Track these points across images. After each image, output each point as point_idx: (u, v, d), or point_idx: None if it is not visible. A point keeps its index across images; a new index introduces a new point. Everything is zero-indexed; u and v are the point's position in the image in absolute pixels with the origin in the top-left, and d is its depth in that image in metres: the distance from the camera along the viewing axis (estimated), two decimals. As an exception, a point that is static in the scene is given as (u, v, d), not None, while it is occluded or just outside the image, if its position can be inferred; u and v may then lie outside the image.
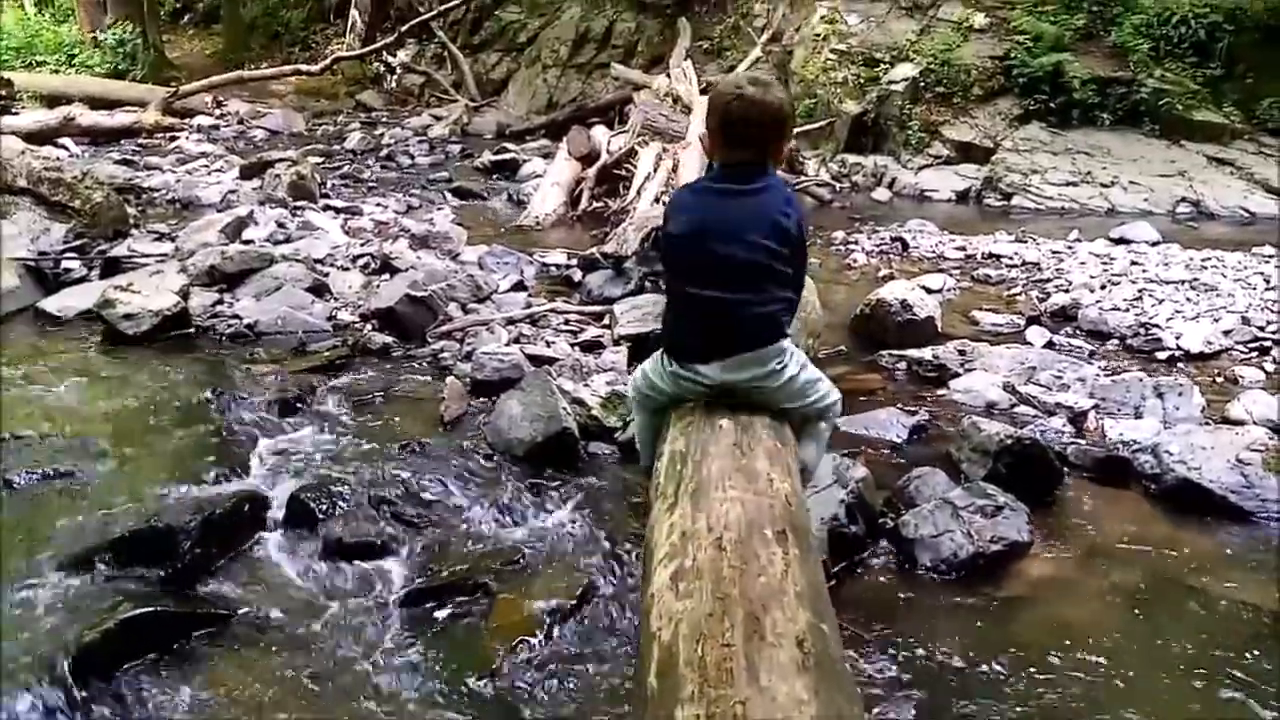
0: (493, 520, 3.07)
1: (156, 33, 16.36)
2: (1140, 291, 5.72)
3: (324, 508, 3.02)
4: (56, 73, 14.85)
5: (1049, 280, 6.18)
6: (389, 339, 4.65)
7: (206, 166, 9.28)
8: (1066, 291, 5.82)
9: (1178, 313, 5.32)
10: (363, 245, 6.25)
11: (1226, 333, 4.95)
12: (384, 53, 15.17)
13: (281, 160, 8.40)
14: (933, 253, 7.03)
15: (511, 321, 4.88)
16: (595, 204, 7.84)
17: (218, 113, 13.06)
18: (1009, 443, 3.33)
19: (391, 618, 2.56)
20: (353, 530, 2.90)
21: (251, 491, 3.09)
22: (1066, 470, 3.45)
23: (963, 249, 7.08)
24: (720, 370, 2.32)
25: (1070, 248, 7.07)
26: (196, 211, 7.28)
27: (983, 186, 9.62)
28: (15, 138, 7.62)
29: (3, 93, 11.79)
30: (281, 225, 6.59)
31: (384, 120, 13.54)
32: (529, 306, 5.16)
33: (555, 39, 14.17)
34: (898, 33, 10.91)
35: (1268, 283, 5.87)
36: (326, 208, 7.49)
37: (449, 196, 8.67)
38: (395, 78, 15.86)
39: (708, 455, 2.11)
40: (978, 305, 5.66)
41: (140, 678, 2.27)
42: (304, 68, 14.53)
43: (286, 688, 2.28)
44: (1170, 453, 3.39)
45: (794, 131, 2.52)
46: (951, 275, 6.36)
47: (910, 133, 10.16)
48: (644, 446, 2.65)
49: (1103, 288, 5.86)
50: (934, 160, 10.10)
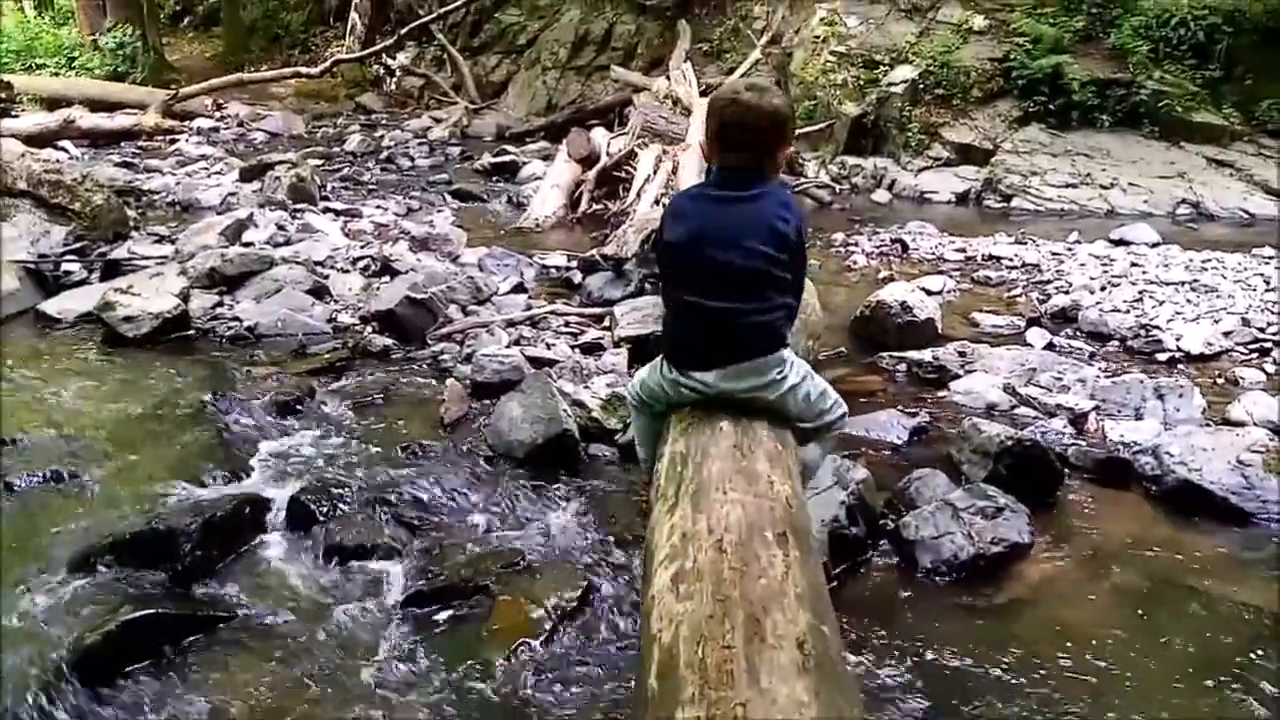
0: (493, 522, 3.06)
1: (156, 35, 16.40)
2: (1140, 293, 5.72)
3: (324, 510, 3.02)
4: (56, 75, 14.89)
5: (1049, 282, 6.18)
6: (389, 341, 4.65)
7: (206, 169, 9.29)
8: (1066, 293, 5.82)
9: (1178, 314, 5.32)
10: (363, 247, 6.25)
11: (1227, 334, 4.95)
12: (384, 55, 15.20)
13: (281, 162, 8.42)
14: (932, 254, 7.03)
15: (511, 323, 4.88)
16: (595, 206, 7.84)
17: (217, 115, 13.07)
18: (1009, 444, 3.32)
19: (392, 620, 2.56)
20: (353, 533, 2.89)
21: (252, 494, 3.08)
22: (1067, 472, 3.44)
23: (962, 251, 7.08)
24: (719, 378, 2.32)
25: (1070, 249, 7.07)
26: (196, 214, 7.28)
27: (982, 188, 9.62)
28: (15, 140, 7.62)
29: (3, 95, 11.81)
30: (281, 228, 6.60)
31: (384, 122, 13.55)
32: (529, 308, 5.16)
33: (555, 41, 14.18)
34: (897, 35, 10.93)
35: (1268, 284, 5.86)
36: (326, 210, 7.50)
37: (449, 199, 8.67)
38: (395, 80, 15.90)
39: (708, 457, 2.11)
40: (978, 307, 5.66)
41: (141, 680, 2.27)
42: (304, 70, 14.56)
43: (287, 690, 2.28)
44: (1171, 454, 3.38)
45: (794, 135, 2.51)
46: (951, 277, 6.36)
47: (910, 135, 10.17)
48: (644, 449, 2.65)
49: (1103, 289, 5.86)
50: (934, 162, 10.11)
